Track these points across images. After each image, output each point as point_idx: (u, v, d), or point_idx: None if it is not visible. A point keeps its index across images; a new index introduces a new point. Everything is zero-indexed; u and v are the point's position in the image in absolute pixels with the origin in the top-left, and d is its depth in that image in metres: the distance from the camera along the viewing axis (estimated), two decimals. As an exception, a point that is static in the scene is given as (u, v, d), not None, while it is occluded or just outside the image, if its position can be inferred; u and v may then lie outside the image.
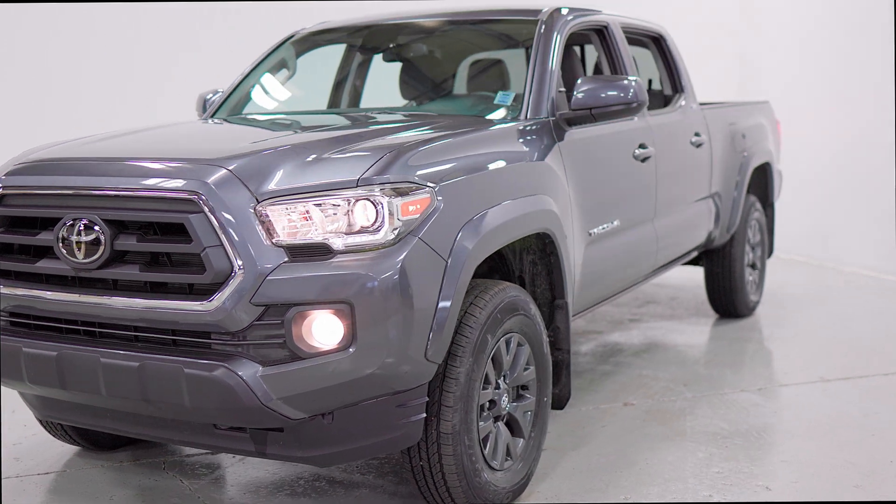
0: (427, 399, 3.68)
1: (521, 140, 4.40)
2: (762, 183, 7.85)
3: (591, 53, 5.82)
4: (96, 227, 3.54)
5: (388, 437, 3.64)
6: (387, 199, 3.47)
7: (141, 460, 4.73)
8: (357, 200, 3.47)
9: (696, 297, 8.02)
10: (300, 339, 3.39)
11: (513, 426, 4.18)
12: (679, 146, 6.05)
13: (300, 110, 5.45)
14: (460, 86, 5.67)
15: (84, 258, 3.57)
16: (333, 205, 3.47)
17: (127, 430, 3.95)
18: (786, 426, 5.04)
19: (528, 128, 4.51)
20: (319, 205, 3.47)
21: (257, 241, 3.41)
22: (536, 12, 5.16)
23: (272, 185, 3.49)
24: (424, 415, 3.67)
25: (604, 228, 4.96)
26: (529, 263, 4.50)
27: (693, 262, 7.41)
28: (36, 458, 4.77)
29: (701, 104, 7.04)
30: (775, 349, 6.65)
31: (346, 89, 6.08)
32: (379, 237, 3.46)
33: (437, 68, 5.66)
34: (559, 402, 4.59)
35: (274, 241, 3.43)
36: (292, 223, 3.45)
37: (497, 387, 4.04)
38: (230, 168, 3.51)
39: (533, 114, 4.61)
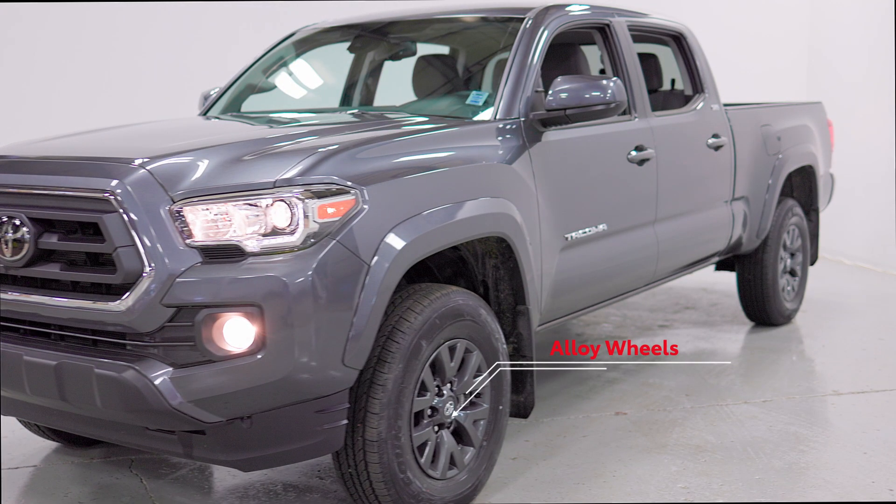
0: (348, 405, 3.60)
1: (480, 141, 4.30)
2: (806, 187, 7.56)
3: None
4: (23, 226, 3.56)
5: (310, 443, 3.58)
6: (302, 201, 3.41)
7: (111, 458, 4.76)
8: (273, 202, 3.42)
9: (738, 305, 7.74)
10: (210, 342, 3.35)
11: (461, 434, 4.07)
12: (689, 148, 5.85)
13: (290, 108, 5.41)
14: (451, 85, 5.55)
15: (11, 256, 3.59)
16: (249, 206, 3.43)
17: (74, 429, 3.96)
18: (775, 441, 4.82)
19: (494, 128, 4.39)
20: (236, 206, 3.43)
21: (170, 241, 3.39)
22: (527, 10, 5.03)
23: (189, 186, 3.46)
24: (346, 421, 3.60)
25: (584, 233, 4.81)
26: (492, 268, 4.38)
27: (728, 268, 7.19)
28: (13, 453, 4.83)
29: (734, 105, 6.84)
30: (799, 360, 6.38)
31: (347, 87, 6.03)
32: (294, 239, 3.41)
33: (430, 67, 5.56)
34: (523, 411, 4.47)
35: (188, 242, 3.40)
36: (207, 224, 3.42)
37: (440, 394, 3.94)
38: (147, 168, 3.50)
39: (504, 114, 4.50)
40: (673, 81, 6.53)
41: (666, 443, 4.83)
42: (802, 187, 7.57)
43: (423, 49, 5.76)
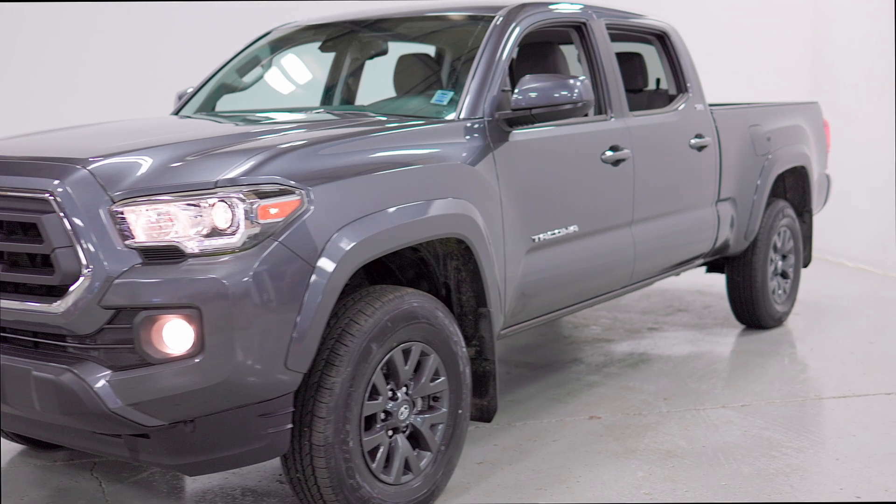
0: (293, 409, 3.54)
1: (439, 141, 4.23)
2: (799, 188, 7.45)
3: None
4: None
5: (255, 447, 3.52)
6: (243, 201, 3.35)
7: (74, 461, 4.72)
8: (214, 203, 3.37)
9: (731, 307, 7.65)
10: (148, 344, 3.31)
11: (419, 439, 4.01)
12: (669, 148, 5.76)
13: (262, 108, 5.34)
14: (426, 84, 5.47)
15: (-46, 256, 3.55)
16: (190, 206, 3.38)
17: (26, 431, 3.93)
18: (748, 446, 4.73)
19: (455, 128, 4.33)
20: (176, 206, 3.38)
21: (109, 242, 3.34)
22: (498, 8, 4.96)
23: (129, 186, 3.42)
24: (290, 425, 3.54)
25: (553, 234, 4.74)
26: (454, 270, 4.32)
27: (719, 270, 7.10)
28: (-21, 455, 4.80)
29: (722, 105, 6.76)
30: (786, 364, 6.27)
31: (327, 87, 5.97)
32: (234, 241, 3.35)
33: (407, 66, 5.49)
34: (487, 415, 4.40)
35: (127, 243, 3.35)
36: (148, 225, 3.37)
37: (394, 397, 3.87)
38: (88, 168, 3.45)
39: (469, 113, 4.43)
40: (658, 81, 6.44)
41: (636, 448, 4.75)
42: (796, 188, 7.47)
43: (399, 48, 5.69)
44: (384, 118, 4.56)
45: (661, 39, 6.20)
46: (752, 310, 6.95)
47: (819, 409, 5.36)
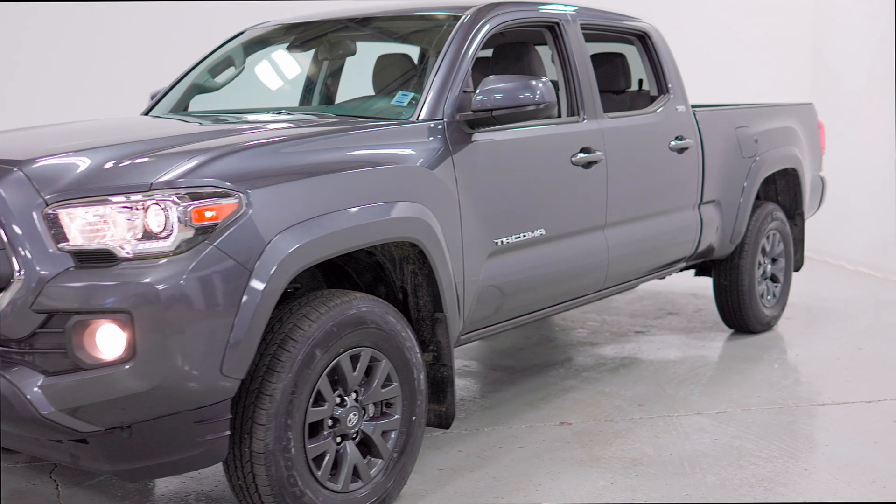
0: (231, 416, 3.48)
1: (392, 142, 4.16)
2: (790, 191, 7.34)
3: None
4: None
5: (193, 454, 3.47)
6: (177, 204, 3.30)
7: (36, 463, 4.67)
8: (148, 206, 3.31)
9: (724, 311, 7.52)
10: (81, 349, 3.26)
11: (370, 446, 3.94)
12: (647, 150, 5.67)
13: (232, 108, 5.29)
14: (399, 84, 5.39)
15: None
16: (124, 209, 3.32)
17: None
18: (716, 455, 4.65)
19: (411, 129, 4.26)
20: (110, 209, 3.33)
21: (42, 245, 3.30)
22: (466, 8, 4.89)
23: (63, 188, 3.37)
24: (229, 432, 3.48)
25: (518, 238, 4.65)
26: (410, 274, 4.25)
27: (706, 273, 7.00)
28: (-52, 457, 4.77)
29: (707, 106, 6.67)
30: (769, 370, 6.15)
31: (304, 87, 5.92)
32: (168, 244, 3.30)
33: (385, 66, 5.42)
34: (445, 421, 4.33)
35: (60, 245, 3.30)
36: (81, 228, 3.32)
37: (342, 404, 3.81)
38: (23, 169, 3.41)
39: (428, 115, 4.36)
40: (640, 82, 6.35)
41: (602, 455, 4.67)
42: (787, 191, 7.36)
43: (375, 48, 5.63)
44: (341, 119, 4.49)
45: (642, 40, 6.11)
46: (740, 314, 6.85)
47: (795, 417, 5.25)
